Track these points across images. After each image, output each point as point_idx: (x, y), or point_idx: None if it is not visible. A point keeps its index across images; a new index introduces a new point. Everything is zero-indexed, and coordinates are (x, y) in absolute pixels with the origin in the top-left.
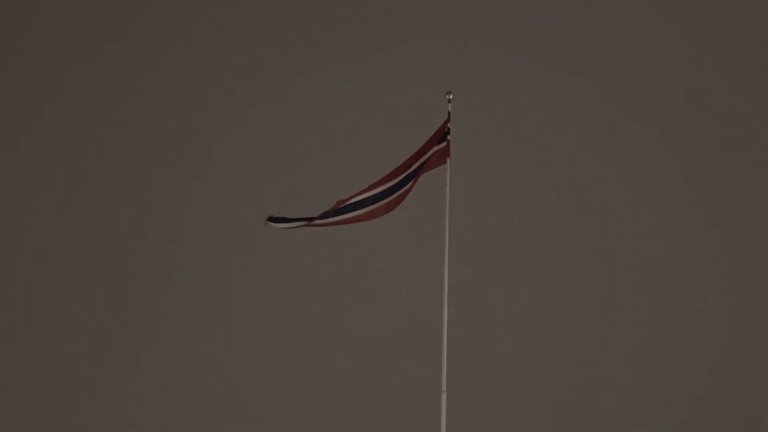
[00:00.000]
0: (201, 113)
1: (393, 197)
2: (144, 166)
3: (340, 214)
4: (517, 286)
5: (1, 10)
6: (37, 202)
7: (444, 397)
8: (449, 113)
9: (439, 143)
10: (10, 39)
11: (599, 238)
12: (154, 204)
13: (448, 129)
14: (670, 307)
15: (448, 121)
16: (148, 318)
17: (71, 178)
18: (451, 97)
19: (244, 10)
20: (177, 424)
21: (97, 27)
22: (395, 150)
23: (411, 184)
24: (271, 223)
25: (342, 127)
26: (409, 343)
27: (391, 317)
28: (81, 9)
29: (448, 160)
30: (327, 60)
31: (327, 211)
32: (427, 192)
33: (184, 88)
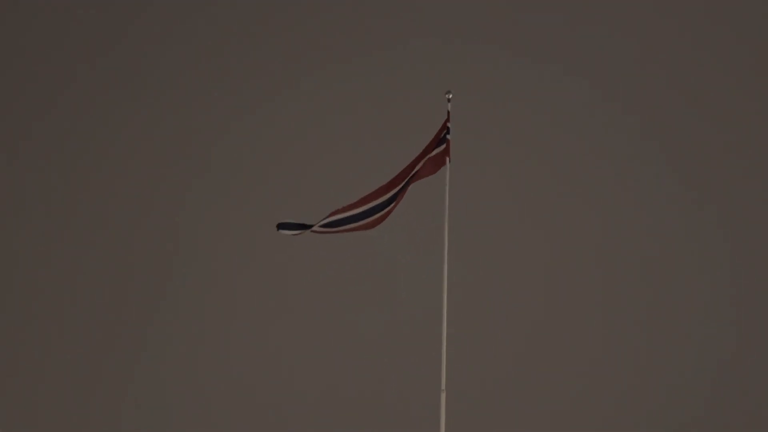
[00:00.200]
0: (201, 113)
1: (387, 209)
2: (144, 166)
3: (337, 225)
4: (517, 286)
5: (1, 10)
6: (37, 203)
7: (443, 396)
8: (449, 113)
9: (438, 146)
10: (10, 39)
11: (599, 238)
12: (154, 204)
13: (448, 129)
14: (670, 307)
15: (448, 121)
16: (148, 318)
17: (71, 178)
18: (451, 96)
19: (244, 10)
20: (177, 424)
21: (97, 27)
22: (395, 150)
23: (401, 195)
24: (283, 231)
25: (342, 126)
26: (409, 343)
27: (391, 316)
28: (81, 9)
29: (448, 159)
30: (327, 60)
31: (327, 221)
32: (426, 192)
33: (184, 88)
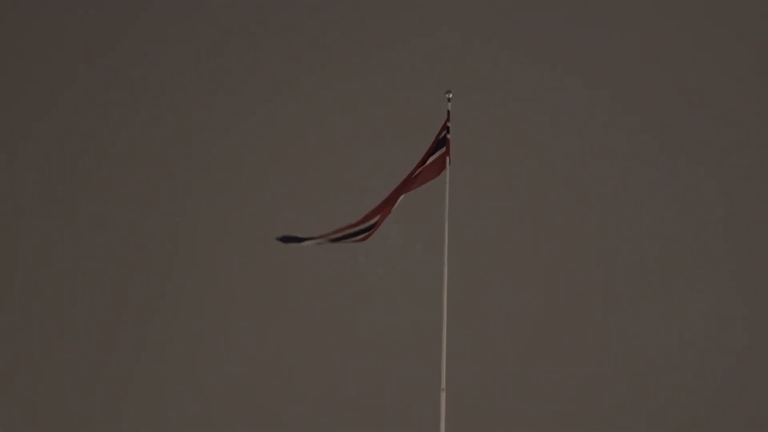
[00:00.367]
0: (201, 113)
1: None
2: (145, 166)
3: (337, 240)
4: (517, 286)
5: (1, 10)
6: (37, 203)
7: (443, 395)
8: (449, 112)
9: (437, 147)
10: (10, 39)
11: (599, 238)
12: (154, 204)
13: (448, 128)
14: (671, 308)
15: (448, 121)
16: (148, 318)
17: (72, 178)
18: (451, 96)
19: (244, 10)
20: (177, 424)
21: (97, 27)
22: (395, 150)
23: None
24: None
25: (342, 126)
26: (409, 342)
27: (391, 316)
28: (81, 9)
29: (448, 159)
30: (327, 60)
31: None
32: (426, 192)
33: (185, 88)
